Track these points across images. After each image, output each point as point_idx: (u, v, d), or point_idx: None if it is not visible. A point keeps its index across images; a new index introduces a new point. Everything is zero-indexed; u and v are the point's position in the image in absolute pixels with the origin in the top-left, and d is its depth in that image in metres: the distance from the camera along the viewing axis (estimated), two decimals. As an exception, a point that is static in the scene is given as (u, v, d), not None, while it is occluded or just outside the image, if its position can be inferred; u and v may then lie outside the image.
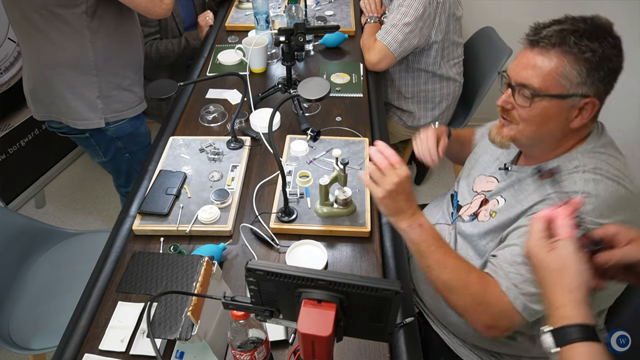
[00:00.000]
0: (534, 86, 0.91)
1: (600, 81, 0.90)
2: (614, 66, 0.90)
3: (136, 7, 1.43)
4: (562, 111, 0.92)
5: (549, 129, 0.95)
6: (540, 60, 0.91)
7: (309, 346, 0.64)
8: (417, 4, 1.70)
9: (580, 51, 0.88)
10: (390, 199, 0.99)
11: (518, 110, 0.96)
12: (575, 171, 0.94)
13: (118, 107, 1.59)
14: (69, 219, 2.47)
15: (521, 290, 0.92)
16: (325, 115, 1.58)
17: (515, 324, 0.94)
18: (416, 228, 1.00)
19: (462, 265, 0.98)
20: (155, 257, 1.05)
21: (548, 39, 0.90)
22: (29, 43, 1.47)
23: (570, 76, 0.89)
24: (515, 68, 0.95)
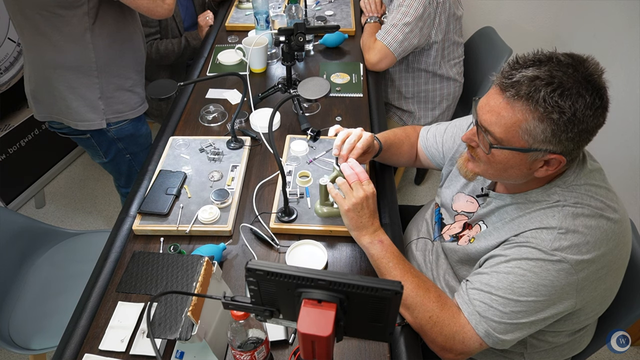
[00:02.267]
0: (496, 135, 0.87)
1: (569, 140, 0.83)
2: (586, 127, 0.82)
3: (138, 8, 1.43)
4: (524, 162, 0.88)
5: (510, 175, 0.92)
6: (505, 110, 0.85)
7: (309, 346, 0.64)
8: (417, 4, 1.70)
9: (547, 111, 0.80)
10: (354, 213, 1.02)
11: (480, 152, 0.93)
12: (555, 205, 0.90)
13: (119, 108, 1.59)
14: (69, 219, 2.47)
15: (485, 318, 0.90)
16: (325, 115, 1.58)
17: (471, 348, 0.92)
18: (377, 244, 1.02)
19: (420, 283, 0.97)
20: (155, 257, 1.05)
21: (517, 88, 0.82)
22: (31, 44, 1.47)
23: (534, 133, 0.83)
24: (483, 108, 0.90)
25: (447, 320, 0.93)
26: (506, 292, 0.89)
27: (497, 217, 1.01)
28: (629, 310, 1.08)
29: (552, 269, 0.86)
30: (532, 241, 0.89)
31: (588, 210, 0.88)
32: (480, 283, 0.93)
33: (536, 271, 0.87)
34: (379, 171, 1.36)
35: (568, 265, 0.86)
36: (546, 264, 0.87)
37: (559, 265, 0.86)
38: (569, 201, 0.90)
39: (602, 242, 0.87)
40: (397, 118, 2.13)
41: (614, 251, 0.90)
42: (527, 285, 0.88)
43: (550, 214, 0.90)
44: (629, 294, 1.08)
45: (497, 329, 0.90)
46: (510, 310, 0.89)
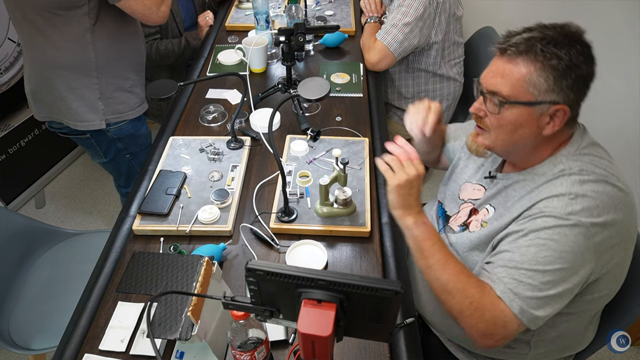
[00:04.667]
0: (503, 94, 0.92)
1: (569, 88, 0.89)
2: (582, 73, 0.89)
3: (133, 14, 1.44)
4: (532, 119, 0.92)
5: (520, 136, 0.95)
6: (509, 69, 0.91)
7: (309, 346, 0.64)
8: (417, 4, 1.70)
9: (546, 58, 0.88)
10: (405, 189, 1.01)
11: (490, 117, 0.97)
12: (561, 174, 0.94)
13: (119, 109, 1.59)
14: (69, 219, 2.47)
15: (517, 294, 0.90)
16: (325, 115, 1.58)
17: (511, 331, 0.92)
18: (421, 225, 1.01)
19: (462, 269, 0.97)
20: (155, 257, 1.05)
21: (516, 47, 0.90)
22: (31, 44, 1.47)
23: (538, 84, 0.89)
24: (486, 76, 0.96)
25: (487, 306, 0.92)
26: (531, 264, 0.90)
27: (504, 197, 1.02)
28: (629, 310, 1.08)
29: (569, 234, 0.88)
30: (545, 210, 0.91)
31: (593, 176, 0.91)
32: (504, 261, 0.93)
33: (555, 238, 0.89)
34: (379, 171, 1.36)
35: (584, 229, 0.88)
36: (563, 230, 0.88)
37: (575, 230, 0.88)
38: (574, 169, 0.93)
39: (611, 207, 0.90)
40: (397, 118, 2.13)
41: (624, 220, 0.92)
42: (550, 254, 0.89)
43: (558, 183, 0.93)
44: (629, 294, 1.08)
45: (530, 304, 0.90)
46: (540, 282, 0.89)
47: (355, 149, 1.40)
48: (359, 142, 1.43)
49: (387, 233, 1.19)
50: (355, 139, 1.44)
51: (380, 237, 1.19)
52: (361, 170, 1.32)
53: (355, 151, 1.39)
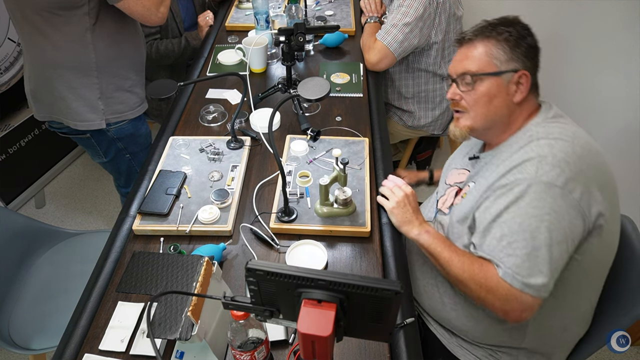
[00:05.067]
0: (472, 70, 1.06)
1: (524, 56, 1.05)
2: (530, 43, 1.06)
3: (132, 15, 1.44)
4: (502, 87, 1.05)
5: (495, 107, 1.07)
6: (470, 51, 1.08)
7: (309, 346, 0.64)
8: (417, 4, 1.70)
9: (498, 34, 1.05)
10: (399, 210, 1.16)
11: (465, 97, 1.09)
12: (531, 140, 1.02)
13: (119, 109, 1.59)
14: (69, 219, 2.47)
15: (517, 272, 0.95)
16: (325, 115, 1.58)
17: (528, 303, 0.96)
18: (424, 234, 1.12)
19: (466, 259, 1.03)
20: (155, 257, 1.05)
21: (470, 34, 1.09)
22: (31, 43, 1.47)
23: (498, 55, 1.05)
24: (453, 65, 1.12)
25: (495, 287, 0.97)
26: (521, 234, 0.95)
27: (484, 171, 1.11)
28: (629, 310, 1.08)
29: (546, 196, 0.94)
30: (519, 177, 0.98)
31: (561, 137, 1.00)
32: (496, 239, 0.98)
33: (535, 204, 0.95)
34: (379, 171, 1.36)
35: (559, 188, 0.94)
36: (539, 194, 0.94)
37: (551, 191, 0.94)
38: (541, 134, 1.02)
39: (581, 160, 0.97)
40: (397, 118, 2.13)
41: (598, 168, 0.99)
42: (534, 220, 0.94)
43: (528, 149, 1.01)
44: (629, 294, 1.08)
45: (532, 276, 0.94)
46: (533, 249, 0.94)
47: (355, 149, 1.40)
48: (359, 142, 1.43)
49: (387, 233, 1.19)
50: (355, 139, 1.44)
51: (380, 237, 1.19)
52: (361, 170, 1.33)
53: (355, 151, 1.39)
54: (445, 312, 1.19)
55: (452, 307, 1.17)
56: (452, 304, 1.17)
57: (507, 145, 1.08)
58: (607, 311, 1.14)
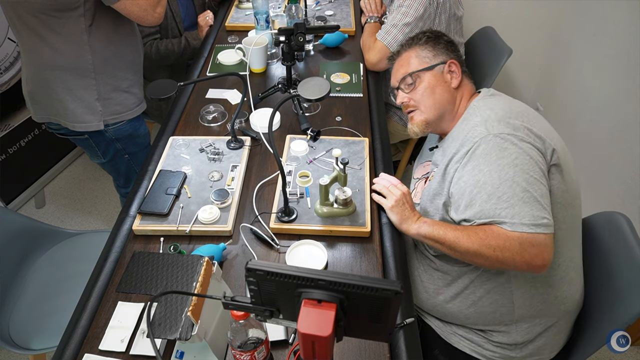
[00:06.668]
0: (409, 71, 1.26)
1: (446, 49, 1.27)
2: (446, 40, 1.29)
3: (129, 15, 1.44)
4: (438, 77, 1.25)
5: (440, 95, 1.23)
6: (401, 61, 1.30)
7: (309, 346, 0.64)
8: (418, 4, 1.70)
9: (418, 39, 1.30)
10: (398, 207, 1.18)
11: (412, 96, 1.26)
12: (474, 112, 1.16)
13: (117, 109, 1.59)
14: (69, 219, 2.48)
15: (518, 219, 0.99)
16: (325, 115, 1.58)
17: (542, 245, 0.99)
18: (424, 225, 1.14)
19: (470, 231, 1.06)
20: (155, 257, 1.05)
21: (396, 51, 1.34)
22: (27, 45, 1.47)
23: (425, 54, 1.27)
24: (393, 77, 1.33)
25: (506, 242, 1.00)
26: (504, 185, 1.01)
27: (441, 154, 1.22)
28: (628, 310, 1.08)
29: (506, 145, 1.04)
30: (475, 140, 1.07)
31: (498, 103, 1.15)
32: (485, 201, 1.03)
33: (500, 155, 1.03)
34: (379, 171, 1.36)
35: (512, 136, 1.04)
36: (499, 144, 1.04)
37: (507, 139, 1.04)
38: (482, 106, 1.16)
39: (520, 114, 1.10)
40: (397, 118, 2.13)
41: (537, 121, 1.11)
42: (508, 168, 1.02)
43: (473, 119, 1.14)
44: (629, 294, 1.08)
45: (533, 216, 0.98)
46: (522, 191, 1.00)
47: (355, 149, 1.40)
48: (359, 142, 1.43)
49: (387, 233, 1.19)
50: (355, 139, 1.44)
51: (380, 237, 1.19)
52: (361, 170, 1.33)
53: (355, 151, 1.39)
54: (431, 301, 1.24)
55: (435, 294, 1.23)
56: (434, 290, 1.23)
57: (457, 125, 1.21)
58: (607, 311, 1.13)
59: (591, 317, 1.20)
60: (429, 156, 1.34)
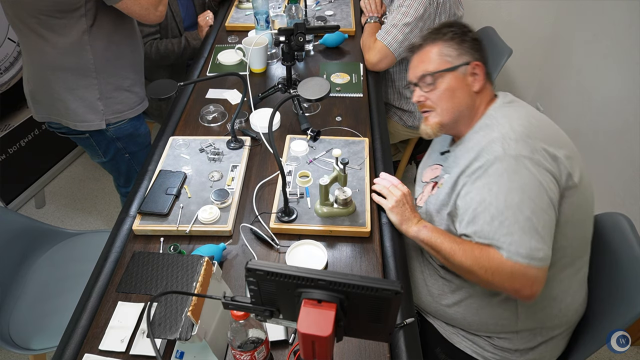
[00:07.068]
0: (430, 70, 1.15)
1: (471, 48, 1.15)
2: (473, 36, 1.16)
3: (130, 14, 1.45)
4: (460, 80, 1.14)
5: (459, 99, 1.14)
6: (423, 56, 1.18)
7: (309, 346, 0.64)
8: (418, 4, 1.70)
9: (443, 34, 1.16)
10: (398, 208, 1.17)
11: (430, 97, 1.17)
12: (492, 123, 1.10)
13: (119, 108, 1.59)
14: (69, 219, 2.48)
15: (516, 248, 0.97)
16: (325, 115, 1.58)
17: (534, 276, 0.98)
18: (423, 229, 1.14)
19: (467, 247, 1.05)
20: (155, 257, 1.05)
21: (418, 44, 1.20)
22: (29, 46, 1.47)
23: (449, 52, 1.14)
24: (411, 72, 1.21)
25: (499, 267, 0.99)
26: (507, 209, 0.98)
27: (453, 160, 1.16)
28: (629, 310, 1.08)
29: (519, 169, 0.99)
30: (489, 158, 1.03)
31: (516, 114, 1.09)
32: (486, 222, 1.01)
33: (512, 178, 1.00)
34: (379, 171, 1.36)
35: (527, 159, 1.00)
36: (512, 167, 1.00)
37: (521, 162, 1.00)
38: (499, 116, 1.10)
39: (539, 129, 1.06)
40: (397, 118, 2.13)
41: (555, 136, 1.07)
42: (515, 193, 0.98)
43: (490, 130, 1.08)
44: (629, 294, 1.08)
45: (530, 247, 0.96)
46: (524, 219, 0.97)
47: (355, 149, 1.40)
48: (359, 142, 1.43)
49: (387, 233, 1.19)
50: (355, 139, 1.44)
51: (380, 237, 1.19)
52: (361, 170, 1.33)
53: (355, 151, 1.39)
54: (434, 304, 1.23)
55: (439, 298, 1.21)
56: (438, 295, 1.21)
57: (473, 132, 1.15)
58: (607, 311, 1.13)
59: (592, 317, 1.20)
60: (439, 160, 1.28)
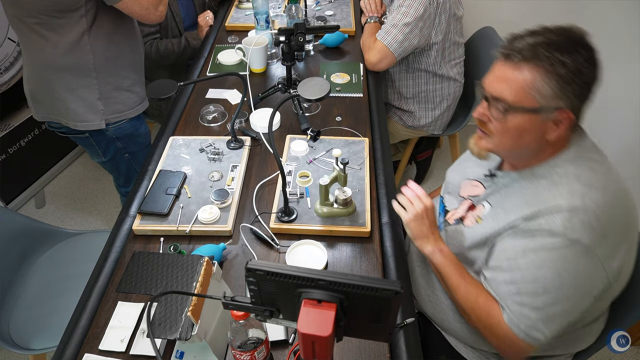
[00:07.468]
0: (507, 100, 0.91)
1: (574, 95, 0.88)
2: (587, 79, 0.89)
3: (131, 14, 1.45)
4: (537, 124, 0.92)
5: (525, 142, 0.95)
6: (513, 75, 0.90)
7: (309, 346, 0.64)
8: (417, 4, 1.70)
9: (552, 64, 0.87)
10: (416, 222, 1.08)
11: (494, 123, 0.96)
12: (560, 182, 0.93)
13: (119, 108, 1.60)
14: (69, 219, 2.47)
15: (521, 321, 0.94)
16: (325, 115, 1.58)
17: (523, 349, 0.96)
18: (438, 253, 1.08)
19: (472, 289, 1.02)
20: (155, 257, 1.05)
21: (520, 53, 0.89)
22: (29, 45, 1.47)
23: (543, 90, 0.88)
24: (490, 81, 0.95)
25: (495, 326, 0.98)
26: (533, 285, 0.92)
27: (502, 196, 1.03)
28: (629, 310, 1.08)
29: (570, 254, 0.88)
30: (544, 227, 0.90)
31: (593, 184, 0.90)
32: (506, 281, 0.96)
33: (556, 259, 0.89)
34: (379, 171, 1.36)
35: (582, 247, 0.87)
36: (563, 250, 0.88)
37: (576, 248, 0.88)
38: (572, 176, 0.92)
39: (612, 211, 0.90)
40: (397, 118, 2.13)
41: (623, 224, 0.93)
42: (551, 274, 0.90)
43: (557, 193, 0.91)
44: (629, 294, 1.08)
45: (534, 326, 0.93)
46: (543, 303, 0.91)
47: (355, 149, 1.40)
48: (359, 142, 1.43)
49: (387, 233, 1.19)
50: (355, 139, 1.44)
51: (380, 237, 1.19)
52: (361, 170, 1.32)
53: (355, 151, 1.39)
54: (437, 314, 1.20)
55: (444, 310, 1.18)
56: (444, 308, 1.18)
57: (532, 175, 0.98)
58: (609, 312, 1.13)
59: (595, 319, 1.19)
60: (481, 177, 1.14)
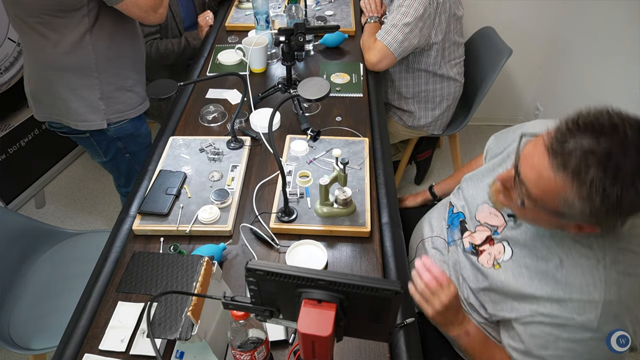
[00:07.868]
0: (532, 193, 0.82)
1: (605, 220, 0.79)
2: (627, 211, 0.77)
3: (130, 16, 1.45)
4: (556, 222, 0.86)
5: (542, 224, 0.91)
6: (548, 175, 0.78)
7: (309, 346, 0.64)
8: (417, 4, 1.70)
9: (590, 193, 0.74)
10: (440, 316, 1.02)
11: (514, 197, 0.87)
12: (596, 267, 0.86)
13: (120, 108, 1.60)
14: (69, 219, 2.47)
15: None
16: (325, 115, 1.58)
17: None
18: (463, 337, 1.06)
19: None
20: (155, 257, 1.05)
21: (567, 159, 0.76)
22: (30, 45, 1.47)
23: (572, 206, 0.78)
24: (526, 160, 0.83)
25: None
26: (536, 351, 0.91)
27: (528, 250, 0.96)
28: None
29: (601, 344, 0.86)
30: (577, 320, 0.86)
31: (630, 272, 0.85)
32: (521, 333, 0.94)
33: (590, 351, 0.87)
34: (379, 171, 1.36)
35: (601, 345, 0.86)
36: (598, 343, 0.86)
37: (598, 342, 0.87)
38: (609, 258, 0.86)
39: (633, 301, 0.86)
40: (397, 118, 2.13)
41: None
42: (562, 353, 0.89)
43: (591, 281, 0.85)
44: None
45: None
46: None
47: (355, 149, 1.40)
48: (359, 142, 1.43)
49: (387, 233, 1.19)
50: (355, 139, 1.44)
51: (380, 237, 1.19)
52: (361, 170, 1.33)
53: (355, 151, 1.39)
54: None
55: None
56: None
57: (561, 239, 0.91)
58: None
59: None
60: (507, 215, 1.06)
